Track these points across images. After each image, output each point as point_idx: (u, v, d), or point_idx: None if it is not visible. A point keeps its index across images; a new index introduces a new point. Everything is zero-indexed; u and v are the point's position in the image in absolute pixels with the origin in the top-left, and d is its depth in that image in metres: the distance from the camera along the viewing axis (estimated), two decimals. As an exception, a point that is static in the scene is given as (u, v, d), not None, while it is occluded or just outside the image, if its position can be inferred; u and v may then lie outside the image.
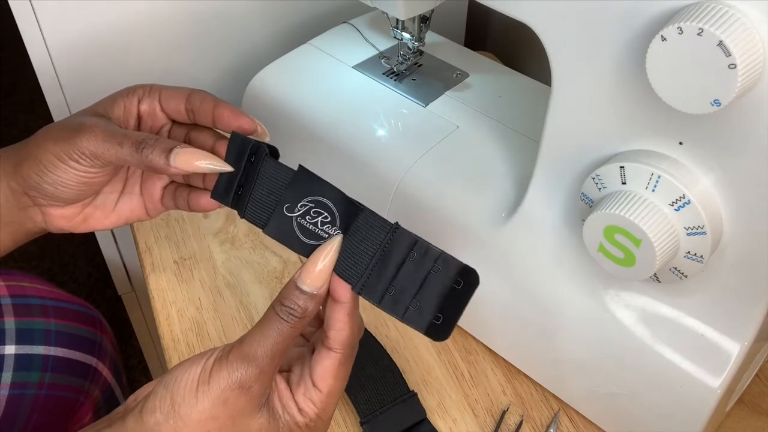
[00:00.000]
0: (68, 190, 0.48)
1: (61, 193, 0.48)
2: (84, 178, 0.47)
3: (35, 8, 0.69)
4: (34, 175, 0.47)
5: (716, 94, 0.34)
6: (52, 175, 0.47)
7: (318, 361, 0.42)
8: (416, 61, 0.68)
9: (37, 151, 0.47)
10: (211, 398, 0.39)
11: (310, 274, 0.40)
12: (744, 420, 0.53)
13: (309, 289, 0.40)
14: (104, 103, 0.50)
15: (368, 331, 0.57)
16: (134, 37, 0.75)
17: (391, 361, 0.55)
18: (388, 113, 0.63)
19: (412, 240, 0.40)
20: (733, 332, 0.44)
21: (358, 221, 0.40)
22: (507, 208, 0.54)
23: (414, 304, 0.40)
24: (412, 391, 0.53)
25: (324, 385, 0.41)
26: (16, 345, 0.60)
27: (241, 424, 0.40)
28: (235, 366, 0.39)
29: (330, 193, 0.41)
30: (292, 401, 0.42)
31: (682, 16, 0.34)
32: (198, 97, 0.49)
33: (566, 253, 0.50)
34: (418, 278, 0.40)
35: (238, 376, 0.39)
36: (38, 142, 0.47)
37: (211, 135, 0.50)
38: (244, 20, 0.79)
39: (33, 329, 0.62)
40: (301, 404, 0.41)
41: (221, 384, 0.39)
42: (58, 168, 0.46)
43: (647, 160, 0.41)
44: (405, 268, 0.40)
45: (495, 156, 0.58)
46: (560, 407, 0.54)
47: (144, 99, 0.50)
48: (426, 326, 0.40)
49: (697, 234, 0.40)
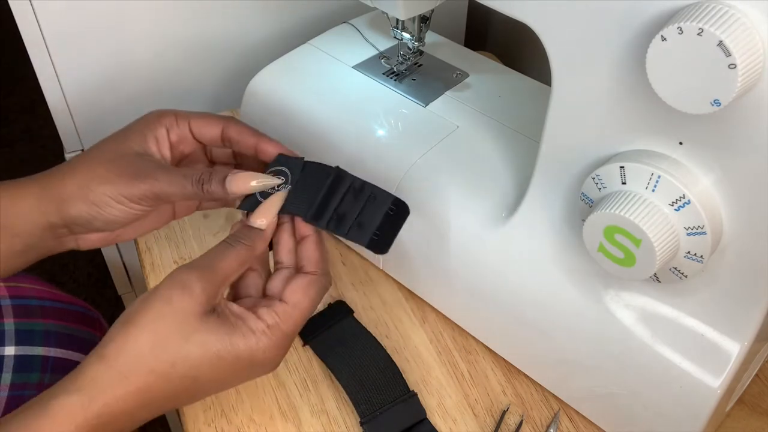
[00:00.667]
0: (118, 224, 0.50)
1: (111, 227, 0.50)
2: (139, 215, 0.49)
3: (35, 8, 0.69)
4: (86, 214, 0.48)
5: (716, 94, 0.34)
6: (107, 215, 0.48)
7: (290, 282, 0.47)
8: (416, 61, 0.68)
9: (89, 193, 0.48)
10: (157, 299, 0.42)
11: (259, 212, 0.47)
12: (744, 420, 0.53)
13: (257, 224, 0.47)
14: (135, 138, 0.51)
15: (368, 331, 0.57)
16: (134, 37, 0.75)
17: (391, 362, 0.55)
18: (388, 113, 0.63)
19: (350, 178, 0.49)
20: (733, 332, 0.44)
21: (307, 170, 0.49)
22: (507, 208, 0.54)
23: (355, 225, 0.49)
24: (412, 391, 0.53)
25: (290, 298, 0.46)
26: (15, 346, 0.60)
27: (188, 324, 0.42)
28: (178, 271, 0.44)
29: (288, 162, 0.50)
30: (249, 313, 0.45)
31: (682, 16, 0.34)
32: (235, 130, 0.51)
33: (566, 253, 0.50)
34: (357, 206, 0.49)
35: (180, 277, 0.43)
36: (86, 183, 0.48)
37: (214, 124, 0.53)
38: (244, 20, 0.79)
39: (33, 330, 0.62)
40: (261, 314, 0.44)
41: (165, 284, 0.43)
42: (115, 209, 0.48)
43: (647, 160, 0.41)
44: (346, 199, 0.49)
45: (495, 156, 0.58)
46: (560, 407, 0.54)
47: (172, 129, 0.51)
48: (368, 240, 0.48)
49: (697, 234, 0.40)
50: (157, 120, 0.51)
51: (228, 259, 0.45)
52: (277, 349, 0.45)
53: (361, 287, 0.62)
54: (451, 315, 0.59)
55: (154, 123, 0.51)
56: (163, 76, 0.80)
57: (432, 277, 0.58)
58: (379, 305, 0.61)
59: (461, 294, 0.56)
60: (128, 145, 0.50)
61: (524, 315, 0.53)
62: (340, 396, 0.55)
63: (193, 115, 0.52)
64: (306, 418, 0.53)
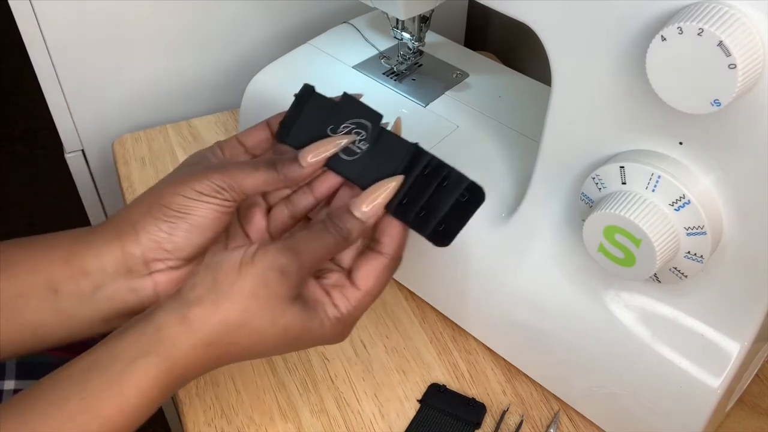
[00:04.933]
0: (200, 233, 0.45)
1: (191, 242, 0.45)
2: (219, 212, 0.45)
3: (35, 8, 0.69)
4: (166, 225, 0.44)
5: (716, 94, 0.34)
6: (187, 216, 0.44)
7: (364, 263, 0.45)
8: (416, 61, 0.68)
9: (163, 199, 0.44)
10: (254, 276, 0.41)
11: (365, 202, 0.44)
12: (744, 420, 0.53)
13: (359, 214, 0.44)
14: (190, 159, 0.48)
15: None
16: (135, 37, 0.75)
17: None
18: (388, 113, 0.63)
19: (427, 157, 0.45)
20: (733, 332, 0.44)
21: (382, 140, 0.46)
22: (507, 208, 0.54)
23: (420, 212, 0.45)
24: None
25: (364, 284, 0.45)
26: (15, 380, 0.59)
27: (277, 309, 0.42)
28: (281, 253, 0.42)
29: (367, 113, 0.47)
30: (326, 295, 0.44)
31: (682, 16, 0.34)
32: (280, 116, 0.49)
33: (566, 253, 0.50)
34: (428, 190, 0.45)
35: (282, 261, 0.42)
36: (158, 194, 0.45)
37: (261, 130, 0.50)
38: (244, 20, 0.79)
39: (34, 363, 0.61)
40: (335, 299, 0.44)
41: (265, 264, 0.41)
42: (193, 207, 0.44)
43: (647, 160, 0.41)
44: (418, 180, 0.45)
45: (495, 156, 0.58)
46: (560, 407, 0.54)
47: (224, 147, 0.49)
48: (429, 231, 0.45)
49: (697, 234, 0.40)
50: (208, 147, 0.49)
51: (325, 248, 0.44)
52: (346, 331, 0.45)
53: (361, 287, 0.62)
54: (451, 315, 0.59)
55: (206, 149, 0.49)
56: (163, 76, 0.80)
57: (432, 277, 0.58)
58: (379, 305, 0.61)
59: (461, 294, 0.56)
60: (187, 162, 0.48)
61: (524, 315, 0.53)
62: (340, 396, 0.55)
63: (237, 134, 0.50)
64: (306, 418, 0.53)
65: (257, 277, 0.42)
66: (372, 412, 0.54)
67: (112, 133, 0.79)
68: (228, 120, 0.78)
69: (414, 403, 0.54)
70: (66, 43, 0.72)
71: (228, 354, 0.43)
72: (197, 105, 0.83)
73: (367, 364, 0.57)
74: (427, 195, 0.45)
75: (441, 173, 0.45)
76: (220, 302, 0.41)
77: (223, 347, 0.42)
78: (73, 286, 0.45)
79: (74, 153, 0.81)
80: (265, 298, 0.42)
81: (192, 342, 0.41)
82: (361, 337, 0.59)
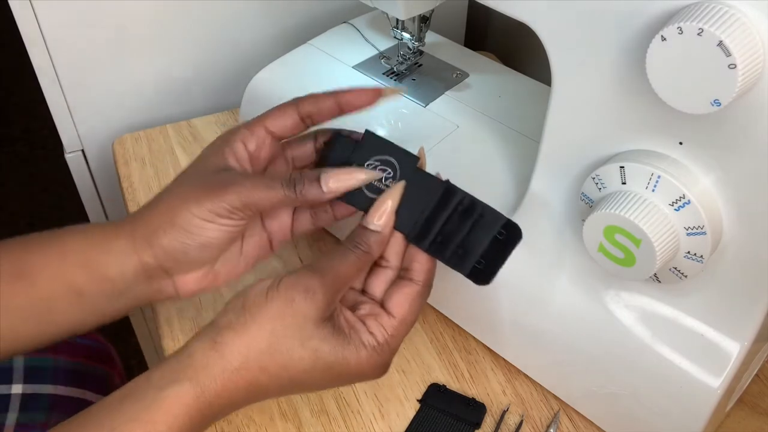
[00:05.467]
0: (214, 249, 0.46)
1: (204, 256, 0.46)
2: (233, 232, 0.46)
3: (35, 8, 0.69)
4: (177, 243, 0.45)
5: (716, 94, 0.34)
6: (200, 238, 0.45)
7: (396, 290, 0.45)
8: (416, 61, 0.68)
9: (176, 218, 0.45)
10: (279, 298, 0.42)
11: (376, 213, 0.45)
12: (744, 420, 0.53)
13: (374, 227, 0.45)
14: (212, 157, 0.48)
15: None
16: (135, 37, 0.75)
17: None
18: (388, 113, 0.63)
19: (460, 194, 0.45)
20: (733, 332, 0.44)
21: (413, 177, 0.46)
22: (507, 208, 0.54)
23: (458, 251, 0.45)
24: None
25: (398, 312, 0.45)
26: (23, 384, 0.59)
27: (305, 329, 0.42)
28: (303, 274, 0.43)
29: (394, 151, 0.47)
30: (360, 323, 0.44)
31: (682, 16, 0.34)
32: (309, 103, 0.48)
33: (566, 253, 0.50)
34: (464, 228, 0.45)
35: (304, 281, 0.42)
36: (172, 208, 0.45)
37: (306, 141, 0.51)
38: (244, 20, 0.79)
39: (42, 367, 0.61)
40: (371, 327, 0.44)
41: (288, 285, 0.42)
42: (206, 229, 0.45)
43: (647, 160, 0.41)
44: (452, 218, 0.45)
45: (495, 156, 0.58)
46: (560, 407, 0.54)
47: (247, 138, 0.48)
48: (469, 269, 0.45)
49: (697, 234, 0.40)
50: (231, 135, 0.48)
51: (348, 265, 0.44)
52: (385, 365, 0.45)
53: (361, 287, 0.62)
54: (451, 315, 0.59)
55: (228, 138, 0.48)
56: (164, 76, 0.80)
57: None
58: (379, 305, 0.61)
59: (461, 294, 0.56)
60: (206, 164, 0.47)
61: (524, 315, 0.53)
62: (340, 396, 0.55)
63: (264, 115, 0.49)
64: (306, 418, 0.53)
65: (283, 299, 0.42)
66: (372, 412, 0.54)
67: (112, 133, 0.79)
68: (228, 120, 0.78)
69: (414, 403, 0.54)
70: (66, 43, 0.72)
71: (259, 382, 0.42)
72: (197, 105, 0.83)
73: (367, 364, 0.57)
74: (463, 233, 0.45)
75: (476, 211, 0.45)
76: (248, 326, 0.41)
77: (253, 373, 0.41)
78: (97, 288, 0.46)
79: (74, 153, 0.81)
80: (292, 317, 0.41)
81: (222, 366, 0.41)
82: (361, 337, 0.59)
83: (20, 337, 0.46)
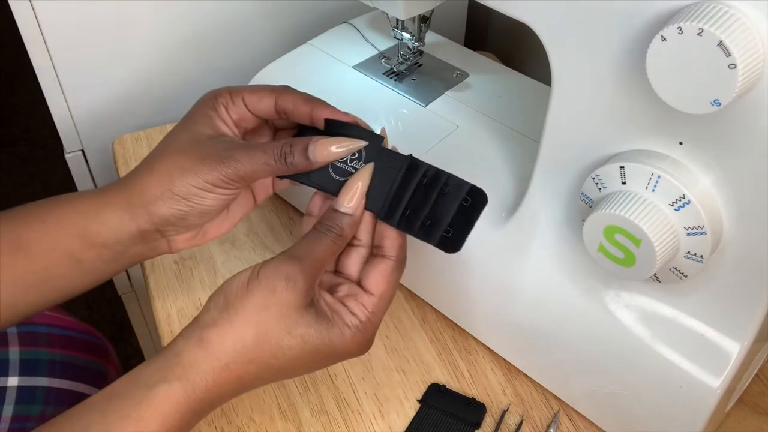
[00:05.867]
0: (210, 215, 0.49)
1: (202, 221, 0.49)
2: (229, 199, 0.48)
3: (35, 8, 0.69)
4: (178, 211, 0.47)
5: (716, 94, 0.34)
6: (199, 206, 0.47)
7: (372, 268, 0.46)
8: (416, 61, 0.68)
9: (175, 189, 0.46)
10: (261, 289, 0.42)
11: (346, 195, 0.46)
12: (744, 420, 0.53)
13: (345, 209, 0.46)
14: (202, 121, 0.49)
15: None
16: (135, 37, 0.75)
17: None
18: (388, 113, 0.63)
19: (424, 167, 0.46)
20: (733, 332, 0.44)
21: (379, 157, 0.47)
22: (507, 208, 0.54)
23: (426, 222, 0.45)
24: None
25: (376, 289, 0.45)
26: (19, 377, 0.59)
27: (290, 317, 0.42)
28: (281, 261, 0.43)
29: (358, 133, 0.47)
30: (341, 305, 0.45)
31: (682, 16, 0.34)
32: (288, 100, 0.49)
33: (566, 253, 0.50)
34: (430, 200, 0.46)
35: (284, 268, 0.43)
36: (170, 177, 0.47)
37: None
38: (244, 20, 0.79)
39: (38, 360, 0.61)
40: (352, 308, 0.45)
41: (268, 275, 0.42)
42: (206, 198, 0.47)
43: (647, 160, 0.41)
44: (418, 192, 0.46)
45: (495, 156, 0.58)
46: (560, 407, 0.54)
47: (230, 108, 0.50)
48: (438, 239, 0.45)
49: (697, 234, 0.40)
50: (215, 100, 0.50)
51: (323, 249, 0.45)
52: (368, 341, 0.45)
53: (361, 287, 0.62)
54: (451, 315, 0.59)
55: (213, 103, 0.50)
56: (163, 76, 0.80)
57: (432, 278, 0.58)
58: (379, 305, 0.61)
59: (461, 294, 0.56)
60: (198, 130, 0.49)
61: (524, 315, 0.53)
62: (340, 396, 0.55)
63: (245, 90, 0.50)
64: (306, 418, 0.53)
65: (265, 289, 0.42)
66: (372, 412, 0.54)
67: (112, 133, 0.79)
68: (228, 120, 0.78)
69: (414, 403, 0.54)
70: (66, 43, 0.72)
71: (249, 374, 0.42)
72: (197, 105, 0.83)
73: (367, 364, 0.57)
74: (430, 204, 0.45)
75: (440, 181, 0.45)
76: (233, 321, 0.42)
77: (242, 366, 0.42)
78: (95, 254, 0.47)
79: (74, 153, 0.81)
80: (276, 306, 0.42)
81: (210, 363, 0.41)
82: (361, 337, 0.59)
83: (20, 304, 0.47)
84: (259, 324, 0.42)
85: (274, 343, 0.42)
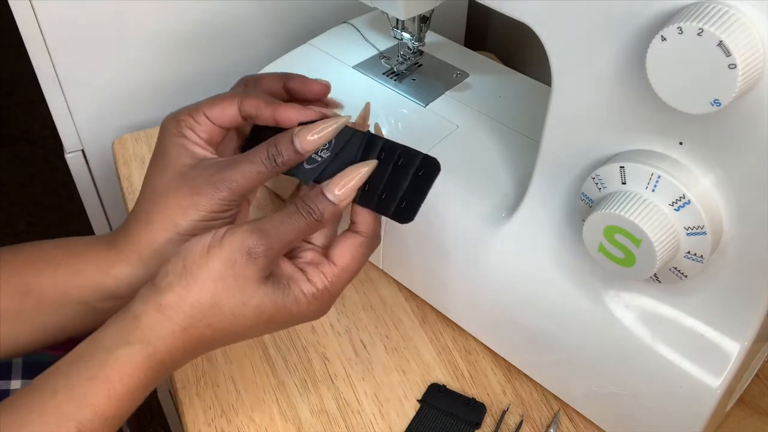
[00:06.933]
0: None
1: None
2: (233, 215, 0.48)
3: (35, 8, 0.69)
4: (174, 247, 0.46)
5: (716, 94, 0.34)
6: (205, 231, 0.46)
7: (341, 241, 0.46)
8: (416, 61, 0.68)
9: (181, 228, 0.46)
10: (221, 258, 0.42)
11: (337, 185, 0.45)
12: (744, 420, 0.53)
13: (333, 198, 0.45)
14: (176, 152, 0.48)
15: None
16: (135, 38, 0.75)
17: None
18: (388, 113, 0.63)
19: (381, 142, 0.46)
20: (733, 332, 0.44)
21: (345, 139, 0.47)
22: (507, 208, 0.54)
23: (382, 195, 0.46)
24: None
25: (340, 261, 0.45)
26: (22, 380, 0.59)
27: (246, 290, 0.42)
28: (248, 234, 0.42)
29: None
30: (300, 272, 0.45)
31: (682, 16, 0.34)
32: (250, 105, 0.48)
33: (566, 253, 0.50)
34: (385, 173, 0.46)
35: (249, 242, 0.42)
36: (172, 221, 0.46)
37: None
38: (245, 21, 0.79)
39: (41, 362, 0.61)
40: (310, 275, 0.45)
41: (233, 246, 0.42)
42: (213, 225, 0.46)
43: (647, 160, 0.41)
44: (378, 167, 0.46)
45: (495, 156, 0.58)
46: (560, 407, 0.54)
47: (196, 128, 0.49)
48: (392, 211, 0.46)
49: (697, 234, 0.40)
50: (178, 126, 0.49)
51: (294, 230, 0.44)
52: (324, 308, 0.46)
53: (361, 287, 0.62)
54: (451, 315, 0.59)
55: (178, 129, 0.48)
56: (163, 76, 0.80)
57: (432, 278, 0.58)
58: (379, 305, 0.61)
59: (461, 294, 0.56)
60: (177, 163, 0.48)
61: (524, 315, 0.53)
62: (340, 396, 0.55)
63: (204, 106, 0.49)
64: (306, 418, 0.53)
65: (224, 260, 0.42)
66: (372, 412, 0.54)
67: (112, 133, 0.79)
68: (228, 120, 0.78)
69: (414, 403, 0.54)
70: (66, 43, 0.72)
71: (206, 337, 0.43)
72: (197, 105, 0.83)
73: (367, 364, 0.57)
74: (386, 177, 0.46)
75: (395, 154, 0.46)
76: (190, 287, 0.42)
77: (200, 330, 0.43)
78: (110, 303, 0.48)
79: (74, 153, 0.81)
80: (233, 279, 0.42)
81: (169, 327, 0.42)
82: (361, 337, 0.59)
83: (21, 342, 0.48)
84: (215, 293, 0.42)
85: (229, 313, 0.42)
